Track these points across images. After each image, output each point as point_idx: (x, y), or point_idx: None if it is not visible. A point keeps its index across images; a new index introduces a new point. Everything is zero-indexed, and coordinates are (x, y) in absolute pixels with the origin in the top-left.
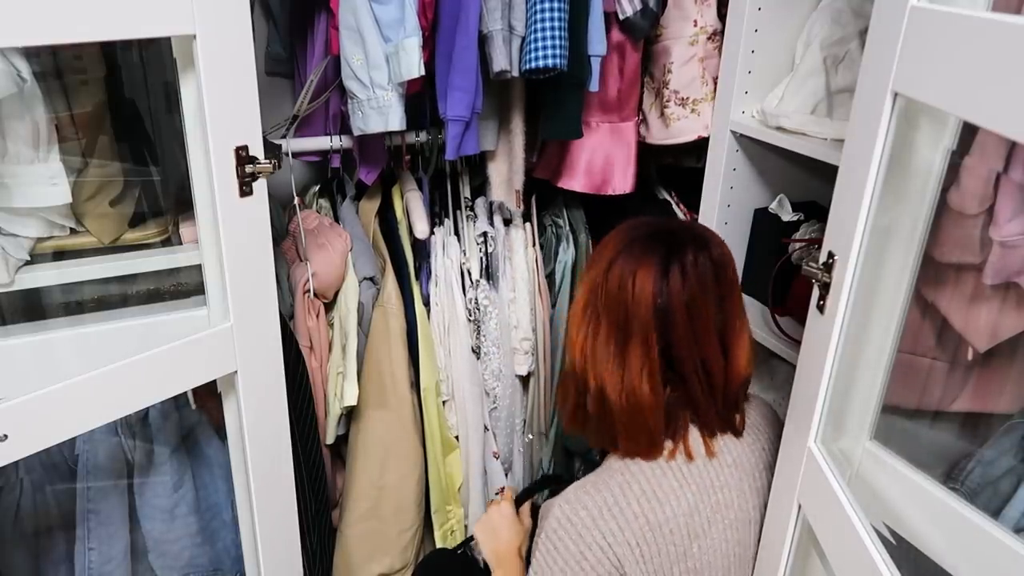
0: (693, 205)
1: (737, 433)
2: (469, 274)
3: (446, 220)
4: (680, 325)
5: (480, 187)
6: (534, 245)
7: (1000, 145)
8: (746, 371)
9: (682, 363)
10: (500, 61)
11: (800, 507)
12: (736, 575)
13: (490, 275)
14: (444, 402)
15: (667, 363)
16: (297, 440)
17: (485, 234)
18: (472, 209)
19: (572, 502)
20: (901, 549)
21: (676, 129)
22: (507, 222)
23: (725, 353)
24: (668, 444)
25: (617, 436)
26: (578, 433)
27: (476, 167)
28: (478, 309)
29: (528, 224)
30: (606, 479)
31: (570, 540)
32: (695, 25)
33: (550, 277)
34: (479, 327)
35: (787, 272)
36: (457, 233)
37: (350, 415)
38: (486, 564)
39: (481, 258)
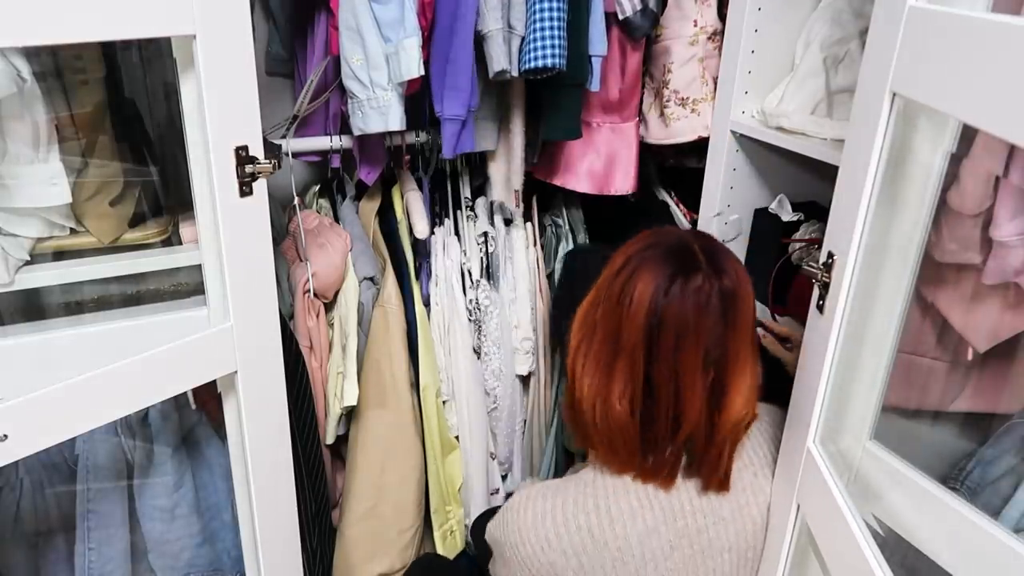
0: (693, 205)
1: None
2: (470, 274)
3: (446, 220)
4: (664, 350)
5: (480, 187)
6: (535, 245)
7: (1000, 145)
8: (740, 415)
9: (657, 396)
10: (500, 61)
11: (799, 508)
12: None
13: (491, 275)
14: (444, 402)
15: (648, 391)
16: (297, 440)
17: (486, 234)
18: (472, 209)
19: (528, 499)
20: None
21: (676, 129)
22: (508, 222)
23: (718, 393)
24: (643, 464)
25: (595, 443)
26: (571, 425)
27: (476, 167)
28: (479, 309)
29: (529, 224)
30: (565, 487)
31: (513, 529)
32: (695, 25)
33: (550, 277)
34: (480, 327)
35: (787, 272)
36: (457, 233)
37: (350, 415)
38: (480, 570)
39: (481, 258)
